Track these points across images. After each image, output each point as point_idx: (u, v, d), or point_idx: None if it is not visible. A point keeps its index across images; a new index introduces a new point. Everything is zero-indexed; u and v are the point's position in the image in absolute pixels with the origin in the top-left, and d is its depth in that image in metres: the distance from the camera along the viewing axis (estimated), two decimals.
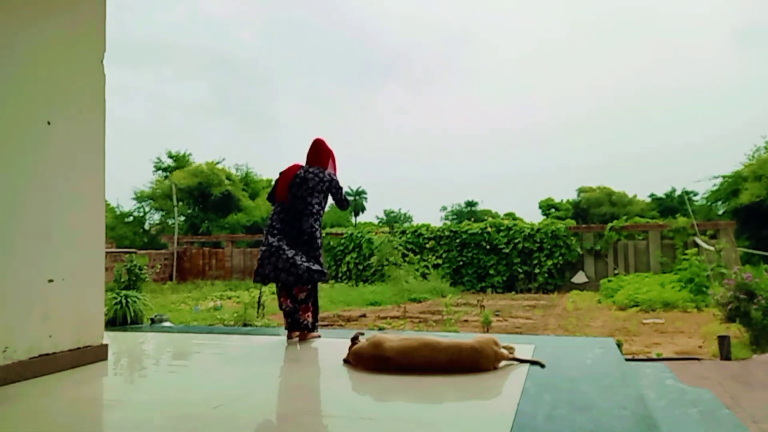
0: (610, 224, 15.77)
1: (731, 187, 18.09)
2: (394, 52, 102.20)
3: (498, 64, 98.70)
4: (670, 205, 32.46)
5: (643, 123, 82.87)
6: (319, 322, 4.68)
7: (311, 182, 4.46)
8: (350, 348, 3.44)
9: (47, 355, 3.25)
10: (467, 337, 3.48)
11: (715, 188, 19.24)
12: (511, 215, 33.72)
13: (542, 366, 3.29)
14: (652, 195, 36.13)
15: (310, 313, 4.43)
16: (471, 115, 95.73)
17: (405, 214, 55.79)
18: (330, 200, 4.68)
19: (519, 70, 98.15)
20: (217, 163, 26.62)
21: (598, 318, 9.41)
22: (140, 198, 25.62)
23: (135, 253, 12.35)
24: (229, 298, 12.77)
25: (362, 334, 3.57)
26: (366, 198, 60.12)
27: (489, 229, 16.26)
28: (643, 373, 4.07)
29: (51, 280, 3.30)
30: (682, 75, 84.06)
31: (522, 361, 3.37)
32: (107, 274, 5.82)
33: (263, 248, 4.37)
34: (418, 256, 15.67)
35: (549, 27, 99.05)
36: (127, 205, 26.33)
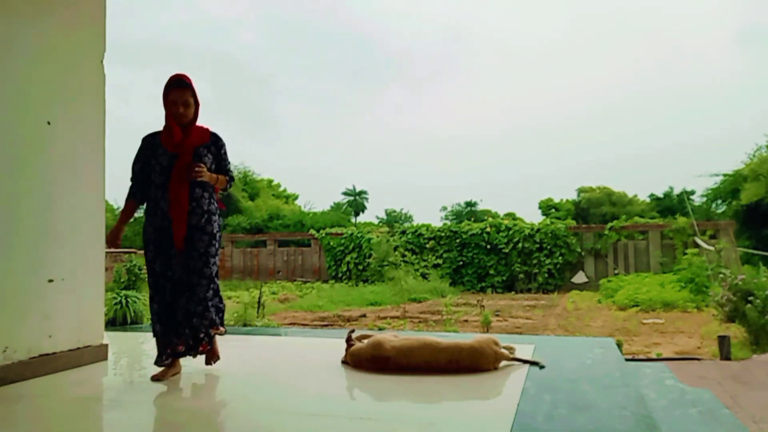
0: (610, 224, 15.77)
1: (731, 186, 18.06)
2: (394, 52, 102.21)
3: (498, 64, 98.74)
4: (669, 205, 32.45)
5: (643, 123, 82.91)
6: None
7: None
8: (347, 349, 3.44)
9: (47, 355, 3.25)
10: (467, 338, 3.48)
11: (715, 186, 19.21)
12: (511, 215, 33.72)
13: (541, 367, 3.29)
14: (651, 195, 36.12)
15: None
16: (471, 114, 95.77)
17: (405, 214, 55.77)
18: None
19: (519, 70, 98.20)
20: None
21: (598, 318, 9.41)
22: None
23: (135, 253, 12.36)
24: (229, 298, 12.76)
25: (353, 331, 3.58)
26: (366, 198, 60.11)
27: (489, 229, 16.26)
28: (643, 373, 4.07)
29: (51, 280, 3.30)
30: (682, 75, 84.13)
31: (522, 362, 3.37)
32: (107, 274, 5.82)
33: None
34: (418, 256, 15.67)
35: (549, 27, 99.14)
36: None
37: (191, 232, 3.09)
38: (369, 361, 3.26)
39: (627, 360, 4.25)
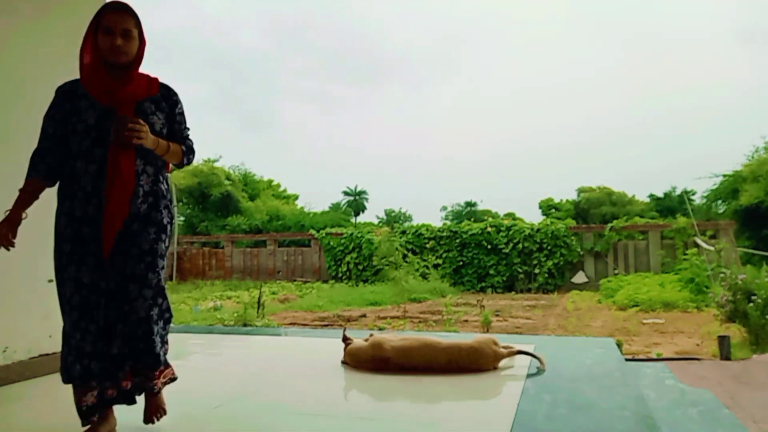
0: (610, 224, 15.76)
1: (731, 186, 18.08)
2: (394, 51, 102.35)
3: (498, 64, 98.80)
4: (669, 205, 32.45)
5: (643, 122, 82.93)
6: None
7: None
8: (345, 349, 3.44)
9: (47, 355, 3.25)
10: (467, 337, 3.48)
11: (715, 187, 19.22)
12: (511, 215, 33.70)
13: (540, 364, 3.27)
14: (651, 195, 36.10)
15: None
16: (471, 114, 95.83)
17: (405, 214, 55.76)
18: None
19: (519, 69, 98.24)
20: (215, 161, 26.60)
21: (598, 318, 9.41)
22: None
23: None
24: (229, 298, 12.78)
25: (344, 329, 3.59)
26: (366, 198, 60.13)
27: (489, 229, 16.25)
28: (643, 373, 4.07)
29: (51, 280, 3.29)
30: (682, 75, 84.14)
31: (525, 353, 3.37)
32: None
33: None
34: (418, 256, 15.66)
35: (548, 27, 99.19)
36: None
37: (128, 222, 2.17)
38: (369, 361, 3.26)
39: (627, 360, 4.25)
